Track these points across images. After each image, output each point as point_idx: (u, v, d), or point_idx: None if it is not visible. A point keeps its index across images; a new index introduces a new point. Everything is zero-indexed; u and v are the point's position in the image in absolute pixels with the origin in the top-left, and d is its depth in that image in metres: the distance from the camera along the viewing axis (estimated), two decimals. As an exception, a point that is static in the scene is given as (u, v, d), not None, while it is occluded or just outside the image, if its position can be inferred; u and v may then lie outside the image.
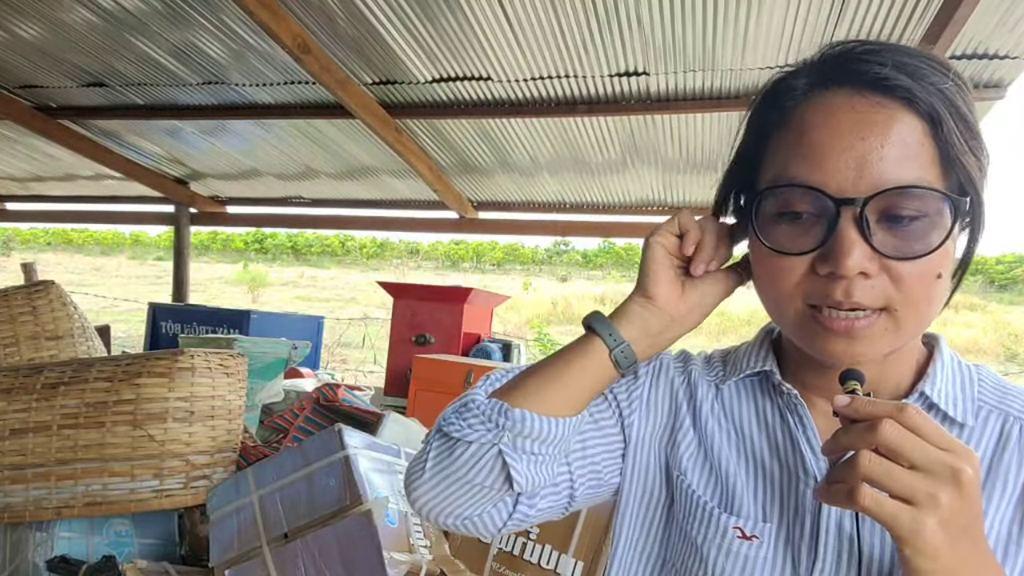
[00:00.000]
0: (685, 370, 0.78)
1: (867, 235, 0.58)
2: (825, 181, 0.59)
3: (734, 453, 0.72)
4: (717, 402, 0.75)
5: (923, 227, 0.59)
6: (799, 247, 0.61)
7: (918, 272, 0.59)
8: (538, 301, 20.28)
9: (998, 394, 0.68)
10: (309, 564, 1.70)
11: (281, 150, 5.09)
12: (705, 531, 0.69)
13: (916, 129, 0.59)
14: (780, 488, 0.68)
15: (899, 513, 0.51)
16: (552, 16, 3.04)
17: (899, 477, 0.51)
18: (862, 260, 0.58)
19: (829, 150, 0.59)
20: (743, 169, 0.70)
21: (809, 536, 0.65)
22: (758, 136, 0.67)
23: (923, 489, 0.50)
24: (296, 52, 3.30)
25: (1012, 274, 20.95)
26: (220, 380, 2.19)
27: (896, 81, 0.59)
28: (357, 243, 27.56)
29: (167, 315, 5.77)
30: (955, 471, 0.50)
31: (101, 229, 28.71)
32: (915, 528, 0.50)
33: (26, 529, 2.05)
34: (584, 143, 4.33)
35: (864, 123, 0.59)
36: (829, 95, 0.62)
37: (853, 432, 0.53)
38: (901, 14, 2.83)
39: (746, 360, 0.75)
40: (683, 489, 0.72)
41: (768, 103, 0.67)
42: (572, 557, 1.95)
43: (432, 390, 3.39)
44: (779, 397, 0.72)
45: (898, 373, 0.68)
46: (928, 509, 0.50)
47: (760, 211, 0.64)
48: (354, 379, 9.14)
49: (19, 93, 4.65)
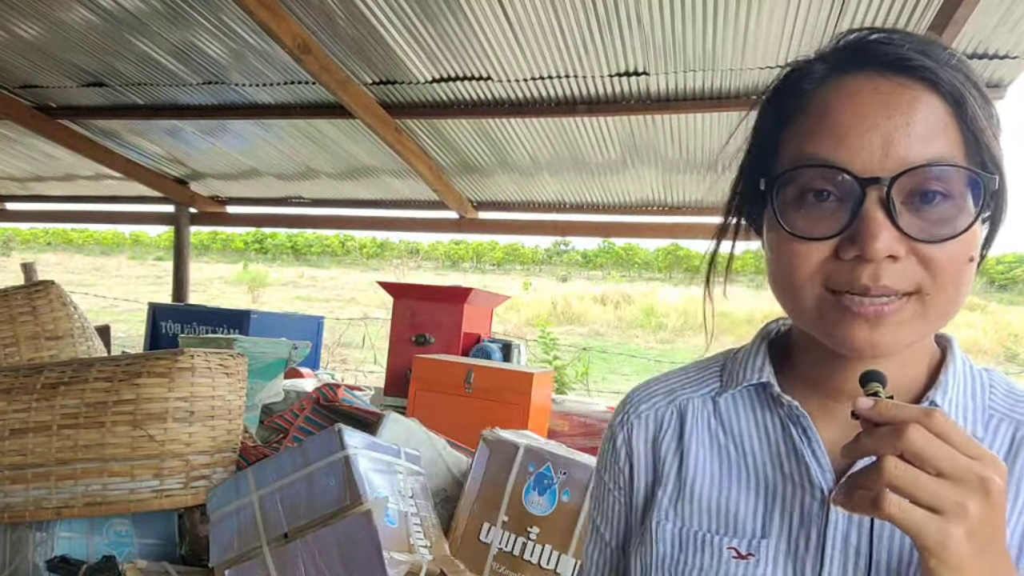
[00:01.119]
0: (672, 403, 0.75)
1: (894, 217, 0.56)
2: (850, 160, 0.57)
3: (733, 470, 0.69)
4: (715, 418, 0.72)
5: (951, 208, 0.57)
6: (822, 232, 0.59)
7: (949, 255, 0.57)
8: (538, 301, 20.27)
9: (1010, 401, 0.66)
10: (309, 564, 1.70)
11: (281, 150, 5.09)
12: (700, 560, 0.66)
13: (940, 110, 0.57)
14: (782, 501, 0.65)
15: (926, 523, 0.49)
16: (552, 16, 3.04)
17: (926, 485, 0.49)
18: (891, 243, 0.56)
19: (853, 129, 0.57)
20: (759, 159, 0.67)
21: (815, 549, 0.63)
22: (775, 123, 0.65)
23: (951, 498, 0.48)
24: (296, 52, 3.30)
25: (1012, 274, 20.95)
26: (220, 380, 2.19)
27: (919, 62, 0.57)
28: (357, 243, 27.56)
29: (167, 315, 5.76)
30: (984, 480, 0.49)
31: (101, 229, 28.72)
32: (942, 539, 0.48)
33: (26, 529, 2.05)
34: (584, 143, 4.33)
35: (888, 103, 0.57)
36: (849, 78, 0.60)
37: (877, 436, 0.51)
38: (901, 14, 2.83)
39: (742, 371, 0.72)
40: (664, 531, 0.69)
41: (785, 90, 0.65)
42: (572, 557, 1.95)
43: (432, 390, 3.38)
44: (780, 408, 0.68)
45: (911, 376, 0.66)
46: (956, 519, 0.48)
47: (780, 196, 0.61)
48: (354, 379, 9.13)
49: (19, 93, 4.65)
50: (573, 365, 9.99)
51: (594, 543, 0.79)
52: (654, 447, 0.74)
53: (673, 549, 0.68)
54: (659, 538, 0.69)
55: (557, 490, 2.02)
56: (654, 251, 25.54)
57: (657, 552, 0.69)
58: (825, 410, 0.67)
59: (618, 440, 0.76)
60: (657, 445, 0.74)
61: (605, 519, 0.78)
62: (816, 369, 0.68)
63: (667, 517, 0.70)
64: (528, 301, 20.03)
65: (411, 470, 1.99)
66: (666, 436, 0.74)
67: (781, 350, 0.73)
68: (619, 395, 0.91)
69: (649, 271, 25.30)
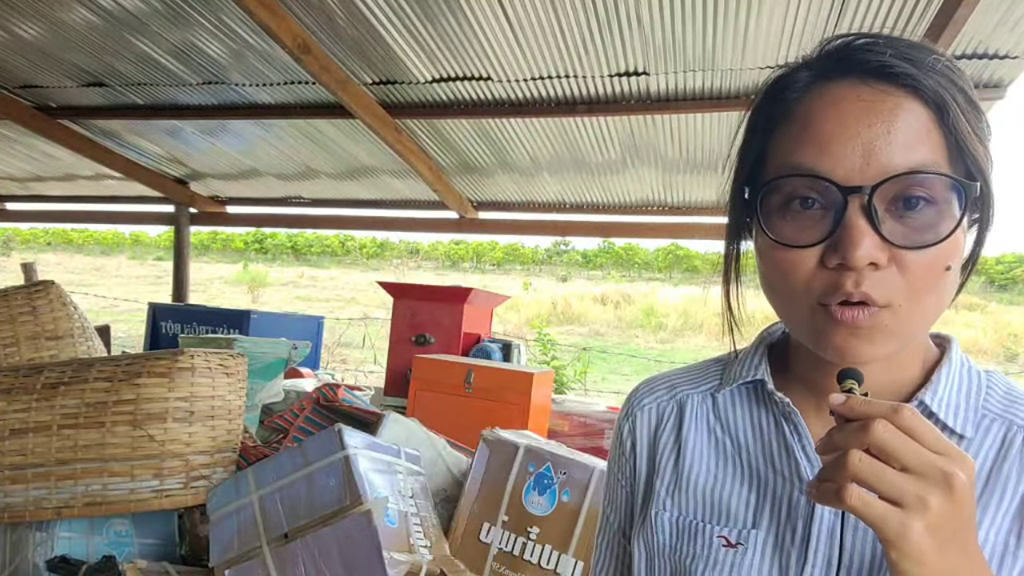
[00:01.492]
0: (672, 397, 0.78)
1: (876, 224, 0.57)
2: (832, 169, 0.58)
3: (728, 463, 0.71)
4: (713, 413, 0.75)
5: (933, 215, 0.57)
6: (806, 239, 0.60)
7: (926, 263, 0.58)
8: (538, 301, 20.27)
9: (1005, 402, 0.66)
10: (309, 564, 1.70)
11: (281, 150, 5.09)
12: (693, 547, 0.69)
13: (922, 116, 0.58)
14: (773, 494, 0.68)
15: (886, 515, 0.50)
16: (552, 16, 3.04)
17: (888, 479, 0.50)
18: (872, 250, 0.57)
19: (835, 138, 0.58)
20: (747, 167, 0.68)
21: (800, 541, 0.65)
22: (761, 132, 0.66)
23: (912, 492, 0.50)
24: (296, 52, 3.30)
25: (1012, 274, 20.96)
26: (220, 380, 2.19)
27: (901, 68, 0.58)
28: (357, 243, 27.57)
29: (167, 315, 5.76)
30: (947, 475, 0.50)
31: (101, 229, 28.74)
32: (902, 531, 0.50)
33: (26, 529, 2.05)
34: (584, 143, 4.34)
35: (870, 111, 0.58)
36: (832, 86, 0.60)
37: (846, 431, 0.53)
38: (901, 14, 2.83)
39: (740, 369, 0.75)
40: (663, 521, 0.72)
41: (770, 98, 0.66)
42: (572, 557, 1.95)
43: (432, 390, 3.38)
44: (773, 405, 0.71)
45: (903, 376, 0.67)
46: (916, 512, 0.50)
47: (765, 204, 0.63)
48: (354, 379, 9.14)
49: (19, 93, 4.65)
50: (573, 365, 10.00)
51: (603, 532, 0.83)
52: (654, 439, 0.77)
53: (671, 538, 0.71)
54: (658, 528, 0.72)
55: (557, 490, 2.02)
56: (654, 251, 25.56)
57: (657, 541, 0.72)
58: (818, 409, 0.70)
59: (624, 432, 0.80)
60: (657, 437, 0.77)
61: (614, 508, 0.81)
62: (809, 370, 0.70)
63: (664, 507, 0.73)
64: (528, 301, 20.04)
65: (411, 470, 1.99)
66: (665, 429, 0.77)
67: (781, 352, 0.76)
68: (619, 395, 0.93)
69: (649, 271, 25.32)
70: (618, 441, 0.81)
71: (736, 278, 0.74)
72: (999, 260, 21.11)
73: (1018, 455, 0.63)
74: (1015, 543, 0.61)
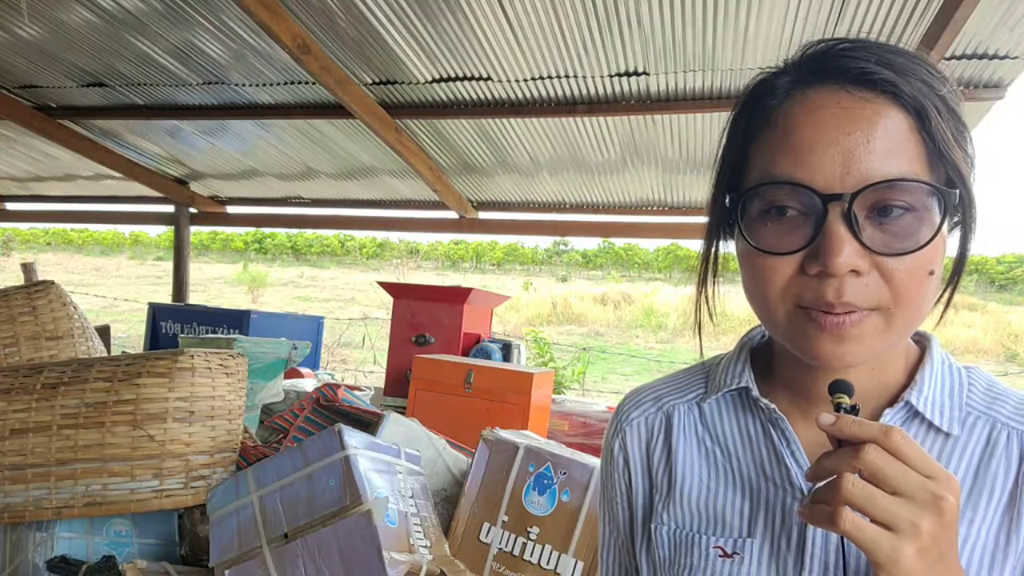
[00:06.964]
0: (659, 409, 0.77)
1: (856, 231, 0.57)
2: (811, 177, 0.58)
3: (720, 473, 0.71)
4: (700, 423, 0.74)
5: (912, 222, 0.58)
6: (787, 246, 0.60)
7: (909, 268, 0.58)
8: (538, 301, 20.27)
9: (987, 399, 0.67)
10: (309, 564, 1.70)
11: (281, 150, 5.09)
12: (690, 559, 0.69)
13: (902, 123, 0.58)
14: (766, 502, 0.68)
15: (878, 539, 0.51)
16: (552, 16, 3.04)
17: (881, 503, 0.51)
18: (852, 257, 0.57)
19: (814, 146, 0.58)
20: (729, 173, 0.68)
21: (796, 548, 0.65)
22: (742, 138, 0.66)
23: (904, 516, 0.51)
24: (296, 52, 3.30)
25: (1012, 274, 20.97)
26: (220, 380, 2.19)
27: (881, 75, 0.58)
28: (357, 243, 27.57)
29: (167, 315, 5.76)
30: (937, 499, 0.51)
31: (101, 229, 28.75)
32: (894, 556, 0.51)
33: (26, 529, 2.05)
34: (584, 143, 4.34)
35: (850, 118, 0.57)
36: (812, 92, 0.60)
37: (836, 456, 0.53)
38: (901, 14, 2.83)
39: (724, 376, 0.74)
40: (661, 535, 0.72)
41: (751, 104, 0.66)
42: (572, 557, 1.95)
43: (432, 390, 3.38)
44: (760, 412, 0.71)
45: (888, 377, 0.67)
46: (908, 536, 0.50)
47: (746, 211, 0.63)
48: (354, 379, 9.14)
49: (19, 93, 4.65)
50: (572, 365, 10.00)
51: (608, 549, 0.82)
52: (647, 454, 0.77)
53: (669, 551, 0.71)
54: (658, 542, 0.72)
55: (557, 490, 2.02)
56: (654, 251, 25.57)
57: (659, 556, 0.72)
58: (804, 414, 0.70)
59: (615, 449, 0.79)
60: (650, 452, 0.77)
61: (615, 525, 0.81)
62: (793, 375, 0.70)
63: (663, 521, 0.72)
64: (528, 301, 20.04)
65: (411, 470, 1.99)
66: (657, 443, 0.76)
67: (763, 356, 0.75)
68: (618, 395, 0.92)
69: (649, 271, 25.32)
70: (609, 458, 0.80)
71: (713, 279, 0.74)
72: (999, 260, 21.11)
73: (1004, 453, 0.64)
74: (1005, 540, 0.62)
